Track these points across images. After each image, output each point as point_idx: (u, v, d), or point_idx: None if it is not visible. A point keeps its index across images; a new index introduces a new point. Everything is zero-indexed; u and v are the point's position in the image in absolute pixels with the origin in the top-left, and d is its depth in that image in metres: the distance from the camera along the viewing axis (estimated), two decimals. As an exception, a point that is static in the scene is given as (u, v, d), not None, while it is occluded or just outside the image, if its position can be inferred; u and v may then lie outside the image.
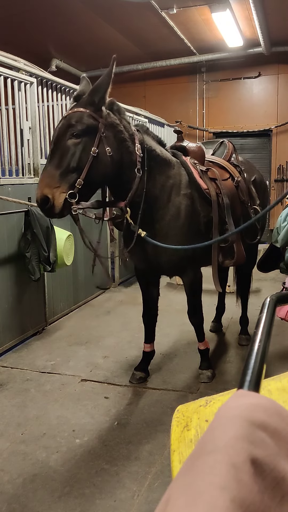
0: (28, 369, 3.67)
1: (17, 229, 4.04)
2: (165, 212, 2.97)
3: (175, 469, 0.91)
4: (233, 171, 3.54)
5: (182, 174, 3.07)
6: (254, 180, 3.77)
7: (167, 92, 9.58)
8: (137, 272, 3.47)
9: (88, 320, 4.89)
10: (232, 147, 3.68)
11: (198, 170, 3.18)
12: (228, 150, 3.68)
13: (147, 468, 2.43)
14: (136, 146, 2.75)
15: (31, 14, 6.71)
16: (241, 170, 3.65)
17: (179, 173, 3.05)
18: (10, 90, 4.05)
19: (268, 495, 0.44)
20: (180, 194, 3.01)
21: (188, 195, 3.04)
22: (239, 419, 0.49)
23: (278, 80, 9.22)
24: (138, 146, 2.75)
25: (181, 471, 0.47)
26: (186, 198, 3.02)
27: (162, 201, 2.95)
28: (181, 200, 3.00)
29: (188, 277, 3.23)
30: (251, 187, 3.67)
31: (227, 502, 0.40)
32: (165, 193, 2.96)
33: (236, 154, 3.76)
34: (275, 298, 0.91)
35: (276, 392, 1.02)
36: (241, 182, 3.50)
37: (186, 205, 3.02)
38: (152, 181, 2.88)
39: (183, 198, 3.01)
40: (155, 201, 2.93)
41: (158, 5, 6.56)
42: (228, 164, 3.60)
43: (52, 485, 2.31)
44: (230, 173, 3.52)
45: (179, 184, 3.02)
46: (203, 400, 1.06)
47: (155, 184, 2.91)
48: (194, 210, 3.06)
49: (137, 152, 2.75)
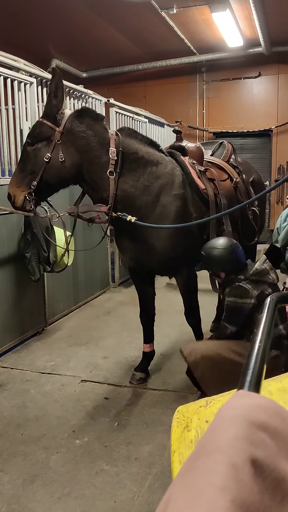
0: (28, 370, 3.67)
1: (17, 230, 4.04)
2: (149, 211, 2.94)
3: (176, 470, 0.91)
4: (231, 172, 3.53)
5: (176, 174, 3.04)
6: (252, 181, 3.77)
7: (167, 92, 9.58)
8: (130, 272, 3.48)
9: (88, 321, 4.89)
10: (231, 148, 3.68)
11: (197, 170, 3.17)
12: (227, 151, 3.67)
13: (148, 469, 2.43)
14: (110, 150, 2.80)
15: (31, 14, 6.71)
16: (240, 171, 3.64)
17: (171, 173, 3.02)
18: (10, 90, 4.05)
19: (268, 496, 0.44)
20: (171, 194, 2.98)
21: (180, 195, 3.01)
22: (240, 419, 0.49)
23: (278, 80, 9.22)
24: (112, 150, 2.81)
25: (182, 471, 0.47)
26: (177, 198, 2.99)
27: (143, 201, 2.93)
28: (171, 200, 2.98)
29: (181, 276, 3.22)
30: (250, 188, 3.67)
31: (227, 503, 0.40)
32: (149, 194, 2.93)
33: (235, 155, 3.76)
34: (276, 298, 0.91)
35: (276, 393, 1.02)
36: (240, 183, 3.49)
37: (176, 206, 2.98)
38: (131, 182, 2.88)
39: (173, 199, 2.98)
40: (134, 201, 2.91)
41: (158, 5, 6.57)
42: (227, 165, 3.60)
43: (52, 486, 2.31)
44: (229, 174, 3.51)
45: (171, 184, 2.99)
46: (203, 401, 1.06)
47: (136, 185, 2.89)
48: (186, 211, 3.03)
49: (110, 155, 2.80)
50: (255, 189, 3.75)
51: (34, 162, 2.79)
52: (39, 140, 2.78)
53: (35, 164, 2.79)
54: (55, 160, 2.77)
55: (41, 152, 2.78)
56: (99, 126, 2.86)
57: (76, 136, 2.79)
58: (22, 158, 2.88)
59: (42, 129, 2.79)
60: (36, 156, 2.78)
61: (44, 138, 2.77)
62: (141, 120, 6.80)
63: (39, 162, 2.78)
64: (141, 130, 6.65)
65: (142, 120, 6.84)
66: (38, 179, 2.79)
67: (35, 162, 2.79)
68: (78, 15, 6.81)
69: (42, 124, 2.80)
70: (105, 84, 9.02)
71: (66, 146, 2.78)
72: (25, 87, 4.21)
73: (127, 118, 6.28)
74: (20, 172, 2.85)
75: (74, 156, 2.80)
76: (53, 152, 2.77)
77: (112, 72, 9.39)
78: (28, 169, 2.81)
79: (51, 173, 2.80)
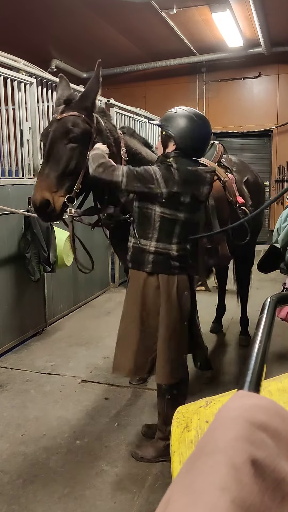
0: (28, 370, 3.66)
1: (17, 230, 4.04)
2: None
3: (175, 470, 0.91)
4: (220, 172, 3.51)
5: None
6: (246, 180, 3.75)
7: (167, 92, 9.59)
8: (126, 272, 3.47)
9: (88, 321, 4.89)
10: (222, 148, 3.66)
11: None
12: (218, 152, 3.65)
13: (147, 469, 2.43)
14: (122, 150, 2.72)
15: (31, 14, 6.72)
16: (231, 170, 3.62)
17: None
18: (10, 90, 4.05)
19: (269, 496, 0.44)
20: None
21: None
22: (240, 420, 0.49)
23: (278, 80, 9.23)
24: (123, 150, 2.73)
25: (181, 472, 0.47)
26: None
27: None
28: None
29: None
30: (243, 187, 3.65)
31: (227, 503, 0.40)
32: None
33: (227, 155, 3.74)
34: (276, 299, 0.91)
35: (276, 393, 1.02)
36: (228, 182, 3.47)
37: None
38: None
39: None
40: None
41: (158, 5, 6.57)
42: (215, 165, 3.58)
43: (52, 486, 2.31)
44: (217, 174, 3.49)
45: None
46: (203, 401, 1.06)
47: None
48: None
49: (123, 156, 2.72)
50: (250, 189, 3.73)
51: (77, 163, 2.47)
52: (80, 138, 2.48)
53: (77, 165, 2.47)
54: None
55: (84, 151, 2.48)
56: (111, 124, 2.80)
57: (103, 134, 2.64)
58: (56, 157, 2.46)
59: (84, 125, 2.50)
60: (79, 155, 2.47)
61: (86, 136, 2.50)
62: (141, 120, 6.80)
63: (82, 162, 2.47)
64: (141, 130, 6.66)
65: (142, 120, 6.84)
66: (81, 181, 2.48)
67: (77, 162, 2.47)
68: (78, 15, 6.81)
69: (83, 120, 2.50)
70: (105, 84, 8.91)
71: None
72: (25, 87, 4.21)
73: (127, 118, 6.28)
74: (55, 173, 2.44)
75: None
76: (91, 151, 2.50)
77: (112, 72, 9.39)
78: (68, 171, 2.46)
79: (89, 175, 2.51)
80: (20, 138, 4.26)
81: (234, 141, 9.58)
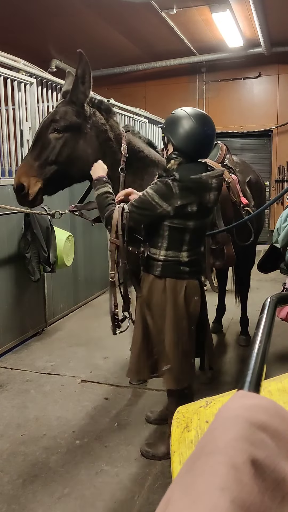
0: (28, 370, 3.66)
1: (17, 230, 4.04)
2: None
3: (175, 470, 0.91)
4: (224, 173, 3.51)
5: None
6: (249, 180, 3.75)
7: (167, 92, 9.59)
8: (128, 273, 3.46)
9: (88, 321, 4.89)
10: (225, 149, 3.66)
11: None
12: (221, 152, 3.65)
13: (147, 469, 2.43)
14: (122, 146, 2.74)
15: (31, 14, 6.72)
16: (234, 171, 3.63)
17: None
18: (10, 90, 4.05)
19: (269, 496, 0.44)
20: None
21: None
22: (240, 420, 0.49)
23: (278, 80, 9.23)
24: (124, 146, 2.75)
25: (181, 472, 0.47)
26: None
27: None
28: None
29: None
30: (246, 188, 3.65)
31: (227, 503, 0.40)
32: None
33: (230, 155, 3.74)
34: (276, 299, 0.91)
35: (276, 393, 1.02)
36: (232, 183, 3.47)
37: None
38: (139, 182, 2.86)
39: None
40: None
41: (158, 6, 6.57)
42: (219, 166, 3.58)
43: (52, 486, 2.31)
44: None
45: None
46: (203, 401, 1.06)
47: (142, 184, 2.88)
48: None
49: (123, 152, 2.74)
50: (252, 189, 3.73)
51: (59, 152, 2.57)
52: (67, 129, 2.58)
53: (59, 154, 2.57)
54: (81, 151, 2.63)
55: (69, 142, 2.59)
56: (113, 120, 2.82)
57: (100, 129, 2.69)
58: (40, 146, 2.58)
59: (71, 117, 2.59)
60: (63, 145, 2.58)
61: (73, 127, 2.59)
62: (141, 120, 6.80)
63: (66, 152, 2.58)
64: (141, 130, 6.66)
65: (142, 120, 6.84)
66: (59, 170, 2.58)
67: (60, 151, 2.57)
68: (78, 15, 6.81)
69: (71, 112, 2.59)
70: (105, 84, 9.02)
71: (91, 138, 2.66)
72: (25, 88, 4.21)
73: (127, 118, 6.28)
74: (36, 161, 2.56)
75: (97, 149, 2.69)
76: (81, 143, 2.62)
77: (112, 72, 9.40)
78: (49, 159, 2.56)
79: (75, 165, 2.62)
80: (20, 138, 4.26)
81: (234, 141, 9.58)
